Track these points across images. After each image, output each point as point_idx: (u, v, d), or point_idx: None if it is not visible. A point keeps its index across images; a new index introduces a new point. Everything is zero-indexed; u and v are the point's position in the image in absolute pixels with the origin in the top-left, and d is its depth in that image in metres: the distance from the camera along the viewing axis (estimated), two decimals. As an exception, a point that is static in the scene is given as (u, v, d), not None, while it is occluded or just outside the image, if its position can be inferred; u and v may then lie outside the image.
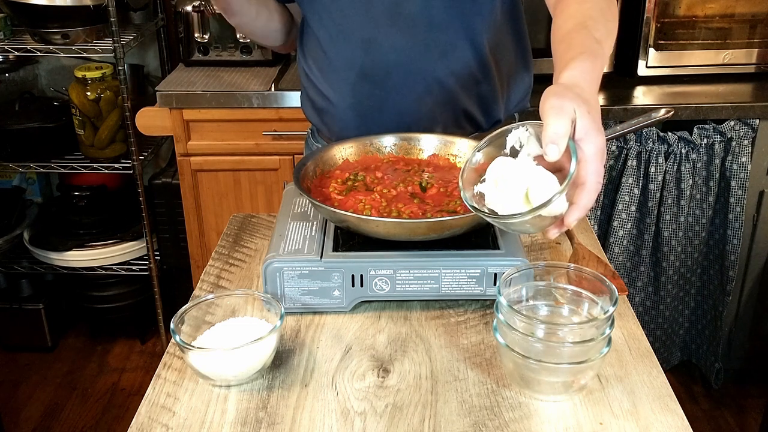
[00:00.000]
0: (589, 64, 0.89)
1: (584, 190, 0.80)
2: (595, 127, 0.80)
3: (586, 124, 0.80)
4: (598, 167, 0.80)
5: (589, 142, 0.80)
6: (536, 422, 0.83)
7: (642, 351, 0.95)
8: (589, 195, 0.80)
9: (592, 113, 0.81)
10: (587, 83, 0.87)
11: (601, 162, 0.80)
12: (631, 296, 2.29)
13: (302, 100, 1.42)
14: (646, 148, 2.10)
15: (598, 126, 0.81)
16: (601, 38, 0.96)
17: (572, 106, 0.80)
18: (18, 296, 2.62)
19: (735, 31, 2.25)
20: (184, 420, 0.84)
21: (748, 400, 2.42)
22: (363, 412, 0.85)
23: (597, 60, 0.91)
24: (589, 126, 0.80)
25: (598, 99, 0.87)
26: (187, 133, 2.21)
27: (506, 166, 0.84)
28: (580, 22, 0.98)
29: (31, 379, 2.57)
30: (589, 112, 0.81)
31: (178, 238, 2.47)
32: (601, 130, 0.82)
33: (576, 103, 0.80)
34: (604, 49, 0.95)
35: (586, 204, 0.81)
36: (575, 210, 0.81)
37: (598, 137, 0.80)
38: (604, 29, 0.98)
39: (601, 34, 0.96)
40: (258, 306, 0.98)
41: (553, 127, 0.78)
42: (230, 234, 1.27)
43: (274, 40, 1.43)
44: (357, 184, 1.10)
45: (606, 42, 0.97)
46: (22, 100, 2.46)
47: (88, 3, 2.19)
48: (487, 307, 1.04)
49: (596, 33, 0.96)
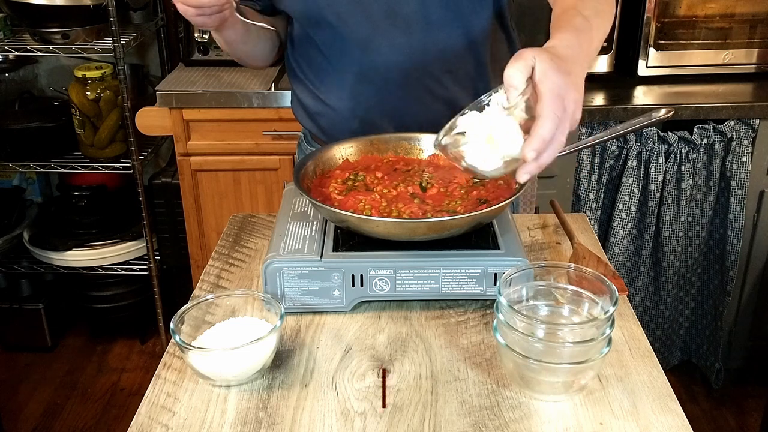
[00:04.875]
0: (569, 35, 0.94)
1: (540, 120, 0.83)
2: (554, 68, 0.83)
3: (544, 67, 0.83)
4: (554, 102, 0.82)
5: (546, 81, 0.83)
6: (536, 422, 0.83)
7: (642, 351, 0.95)
8: (545, 124, 0.82)
9: (555, 60, 0.85)
10: (564, 48, 0.90)
11: (557, 98, 0.83)
12: (631, 296, 2.29)
13: (294, 106, 1.41)
14: (647, 148, 2.10)
15: (561, 69, 0.84)
16: (589, 16, 0.99)
17: (531, 55, 0.84)
18: (18, 296, 2.61)
19: (735, 31, 2.25)
20: (184, 420, 0.84)
21: (748, 400, 2.42)
22: (363, 412, 0.85)
23: (581, 33, 0.95)
24: (548, 67, 0.83)
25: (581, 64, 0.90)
26: (187, 133, 2.21)
27: (474, 118, 0.89)
28: (571, 5, 1.03)
29: (31, 379, 2.57)
30: (551, 59, 0.84)
31: (178, 238, 2.46)
32: (568, 73, 0.85)
33: (536, 52, 0.85)
34: (591, 24, 0.99)
35: (542, 133, 0.82)
36: (531, 140, 0.83)
37: (557, 77, 0.83)
38: (592, 9, 1.02)
39: (589, 12, 1.00)
40: (258, 306, 0.98)
41: (508, 71, 0.84)
42: (230, 234, 1.27)
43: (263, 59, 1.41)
44: (357, 184, 1.10)
45: (594, 20, 1.00)
46: (22, 100, 2.46)
47: (88, 3, 2.19)
48: (487, 307, 1.04)
49: (584, 11, 1.00)
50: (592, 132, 2.13)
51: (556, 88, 0.83)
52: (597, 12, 1.03)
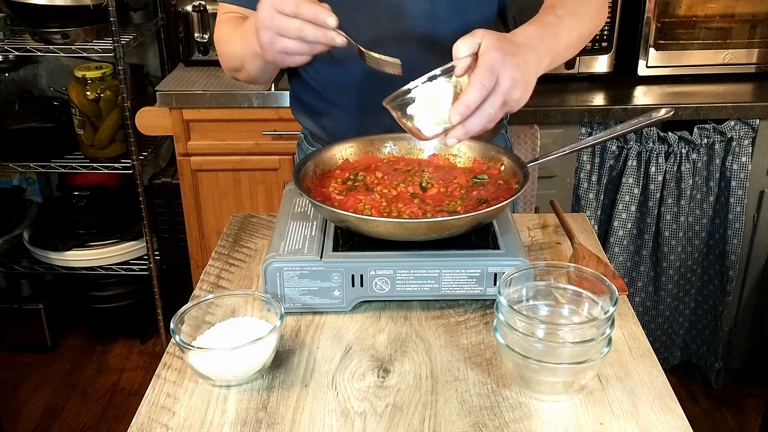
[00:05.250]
0: (532, 27, 1.00)
1: (467, 88, 0.89)
2: (497, 46, 0.90)
3: (487, 43, 0.90)
4: (484, 74, 0.88)
5: (484, 55, 0.89)
6: (536, 422, 0.83)
7: (642, 351, 0.95)
8: (470, 91, 0.88)
9: (503, 41, 0.91)
10: (522, 36, 0.97)
11: (489, 71, 0.88)
12: (631, 296, 2.29)
13: (294, 105, 1.40)
14: (647, 148, 2.10)
15: (504, 49, 0.90)
16: (562, 15, 1.05)
17: (482, 33, 0.91)
18: (18, 296, 2.62)
19: (735, 31, 2.25)
20: (184, 420, 0.84)
21: (748, 400, 2.42)
22: (363, 412, 0.85)
23: (545, 28, 1.01)
24: (491, 45, 0.90)
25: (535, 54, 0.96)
26: (187, 132, 2.21)
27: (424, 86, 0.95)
28: (551, 4, 1.08)
29: (31, 379, 2.57)
30: (498, 39, 0.91)
31: (178, 238, 2.46)
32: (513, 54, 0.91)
33: (486, 32, 0.92)
34: (561, 22, 1.04)
35: (466, 99, 0.89)
36: (456, 104, 0.90)
37: (496, 53, 0.89)
38: (569, 10, 1.07)
39: (564, 12, 1.05)
40: (258, 306, 0.98)
41: (456, 44, 0.92)
42: (230, 234, 1.27)
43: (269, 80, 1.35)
44: (357, 184, 1.10)
45: (568, 19, 1.05)
46: (22, 100, 2.46)
47: (88, 3, 2.19)
48: (487, 307, 1.04)
49: (559, 11, 1.05)
50: (592, 132, 2.13)
51: (491, 62, 0.89)
52: (573, 13, 1.07)
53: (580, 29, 1.10)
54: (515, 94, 0.91)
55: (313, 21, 0.98)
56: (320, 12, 0.97)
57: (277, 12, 0.98)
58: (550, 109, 2.07)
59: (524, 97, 0.94)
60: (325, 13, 0.98)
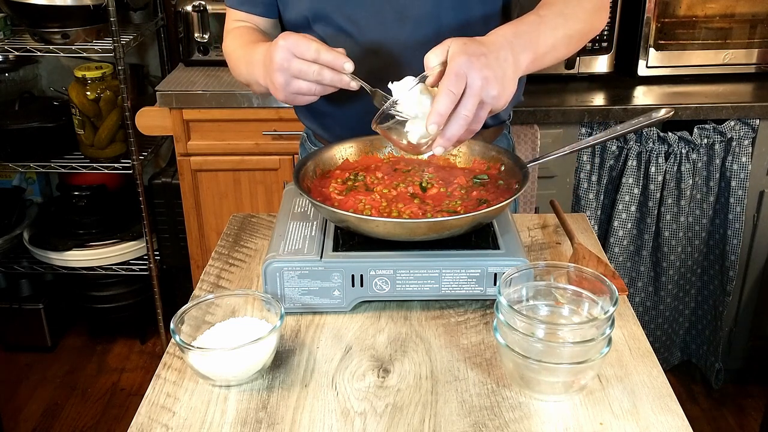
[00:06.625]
0: (509, 27, 1.00)
1: (437, 96, 0.90)
2: (462, 50, 0.90)
3: (453, 49, 0.91)
4: (450, 80, 0.89)
5: (451, 62, 0.90)
6: (536, 422, 0.83)
7: (642, 351, 0.95)
8: (440, 100, 0.89)
9: (469, 44, 0.92)
10: (494, 36, 0.97)
11: (455, 77, 0.89)
12: (631, 296, 2.29)
13: (296, 107, 1.40)
14: (646, 148, 2.10)
15: (470, 51, 0.91)
16: (546, 15, 1.05)
17: (449, 42, 0.93)
18: (18, 296, 2.62)
19: (735, 31, 2.25)
20: (184, 420, 0.84)
21: (748, 400, 2.42)
22: (363, 412, 0.85)
23: (523, 25, 1.02)
24: (456, 50, 0.91)
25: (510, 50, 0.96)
26: (187, 133, 2.21)
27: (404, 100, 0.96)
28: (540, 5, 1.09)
29: (31, 379, 2.57)
30: (464, 43, 0.92)
31: (178, 238, 2.47)
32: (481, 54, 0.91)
33: (453, 39, 0.93)
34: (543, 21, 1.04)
35: (437, 108, 0.89)
36: (429, 115, 0.90)
37: (461, 57, 0.90)
38: (555, 11, 1.07)
39: (548, 12, 1.06)
40: (258, 306, 0.98)
41: (427, 55, 0.94)
42: (230, 234, 1.27)
43: None
44: (357, 184, 1.10)
45: (552, 18, 1.06)
46: (22, 100, 2.46)
47: (88, 3, 2.19)
48: (487, 307, 1.04)
49: (542, 11, 1.06)
50: (592, 132, 2.13)
51: (456, 67, 0.89)
52: (560, 13, 1.07)
53: (567, 29, 1.08)
54: (491, 91, 0.91)
55: (330, 66, 1.01)
56: (338, 57, 1.01)
57: (294, 56, 1.00)
58: (550, 109, 2.07)
59: (503, 93, 0.93)
60: (342, 58, 1.01)
